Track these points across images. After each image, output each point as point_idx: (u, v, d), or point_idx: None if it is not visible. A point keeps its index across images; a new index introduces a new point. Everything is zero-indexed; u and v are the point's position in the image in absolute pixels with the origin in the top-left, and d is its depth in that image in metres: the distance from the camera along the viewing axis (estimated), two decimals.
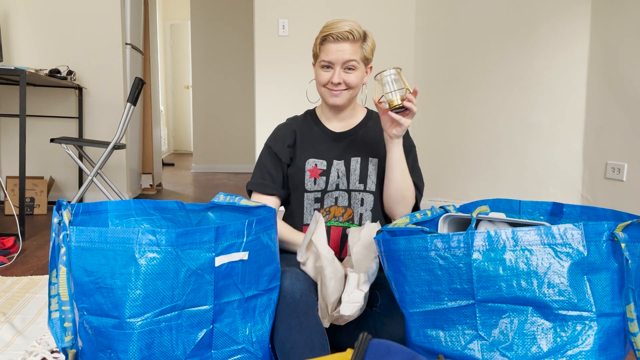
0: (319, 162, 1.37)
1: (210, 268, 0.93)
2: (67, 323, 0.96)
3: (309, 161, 1.37)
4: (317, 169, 1.37)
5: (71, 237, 0.90)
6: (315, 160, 1.37)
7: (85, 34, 3.42)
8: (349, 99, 1.35)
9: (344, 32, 1.26)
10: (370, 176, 1.36)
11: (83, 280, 0.90)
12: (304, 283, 1.12)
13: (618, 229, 0.83)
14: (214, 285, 0.94)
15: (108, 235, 0.89)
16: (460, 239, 0.86)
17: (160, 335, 0.90)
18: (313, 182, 1.36)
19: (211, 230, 0.93)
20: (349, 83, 1.31)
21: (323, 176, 1.36)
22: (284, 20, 3.31)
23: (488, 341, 0.85)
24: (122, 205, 1.22)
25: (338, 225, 1.36)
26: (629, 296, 0.84)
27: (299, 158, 1.38)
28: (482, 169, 3.14)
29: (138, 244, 0.89)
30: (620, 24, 2.49)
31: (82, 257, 0.90)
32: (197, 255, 0.92)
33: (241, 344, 0.99)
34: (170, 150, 8.40)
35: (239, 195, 1.24)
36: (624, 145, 2.49)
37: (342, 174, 1.37)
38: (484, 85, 3.07)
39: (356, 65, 1.30)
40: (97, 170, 2.82)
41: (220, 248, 0.94)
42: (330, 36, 1.28)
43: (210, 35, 5.79)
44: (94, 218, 1.18)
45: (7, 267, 2.05)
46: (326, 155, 1.38)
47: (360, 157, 1.37)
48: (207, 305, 0.94)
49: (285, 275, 1.13)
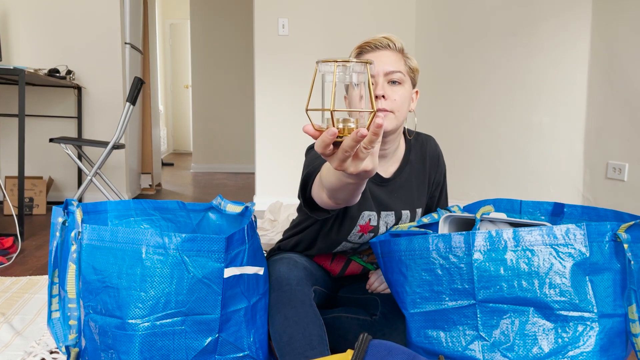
0: (373, 216, 1.14)
1: (218, 279, 0.91)
2: (72, 321, 0.96)
3: (364, 214, 1.13)
4: (369, 225, 1.15)
5: (83, 234, 0.91)
6: (370, 214, 1.14)
7: (85, 34, 3.41)
8: (398, 124, 1.09)
9: (383, 39, 1.10)
10: None
11: (91, 279, 0.90)
12: (301, 271, 1.08)
13: (621, 229, 0.83)
14: (222, 295, 0.92)
15: (119, 234, 0.89)
16: (462, 239, 0.85)
17: (163, 339, 0.89)
18: (359, 236, 1.16)
19: (221, 240, 0.90)
20: (396, 99, 1.06)
21: (372, 233, 1.16)
22: (283, 20, 3.30)
23: (489, 342, 0.85)
24: (121, 206, 1.21)
25: (360, 263, 1.27)
26: (631, 297, 0.84)
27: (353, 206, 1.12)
28: (482, 168, 3.13)
29: (146, 245, 0.88)
30: (622, 24, 2.48)
31: (92, 255, 0.90)
32: (204, 263, 0.90)
33: (246, 351, 0.97)
34: (169, 150, 8.39)
35: (229, 201, 1.23)
36: (625, 145, 2.49)
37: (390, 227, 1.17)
38: (485, 85, 3.07)
39: (402, 78, 1.08)
40: (96, 170, 2.81)
41: (229, 258, 0.92)
42: (367, 46, 1.10)
43: (209, 35, 5.78)
44: (92, 218, 1.17)
45: (6, 267, 2.05)
46: (375, 206, 1.15)
47: (409, 210, 1.17)
48: (214, 314, 0.92)
49: (282, 262, 1.09)
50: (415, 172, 1.20)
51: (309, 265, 1.18)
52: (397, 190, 1.17)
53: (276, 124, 3.40)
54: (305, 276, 1.09)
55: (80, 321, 0.95)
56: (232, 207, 1.22)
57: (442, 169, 1.29)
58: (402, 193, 1.18)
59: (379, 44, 1.10)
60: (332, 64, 0.63)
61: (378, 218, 1.15)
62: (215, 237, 0.90)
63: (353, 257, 1.28)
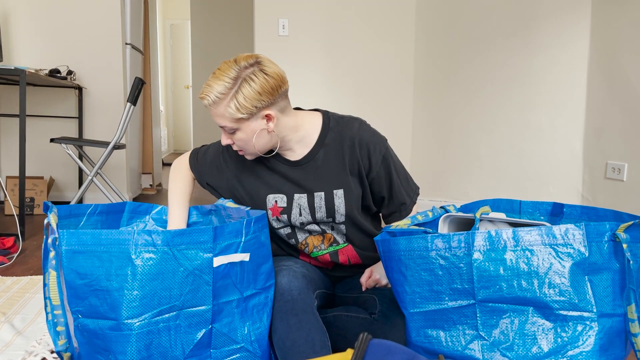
0: (279, 198, 1.22)
1: (208, 269, 0.93)
2: (59, 327, 0.96)
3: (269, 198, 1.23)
4: (277, 207, 1.23)
5: (61, 240, 0.88)
6: (275, 197, 1.23)
7: (85, 34, 3.42)
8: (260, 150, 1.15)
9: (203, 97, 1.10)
10: (339, 210, 1.22)
11: (76, 284, 0.89)
12: (302, 281, 1.10)
13: (620, 229, 0.83)
14: (213, 285, 0.94)
15: (102, 237, 0.88)
16: (461, 238, 0.86)
17: (159, 335, 0.90)
18: (276, 220, 1.24)
19: (209, 230, 0.93)
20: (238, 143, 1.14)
21: (283, 214, 1.23)
22: (284, 20, 3.31)
23: (488, 341, 0.85)
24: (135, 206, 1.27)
25: (324, 253, 1.27)
26: (630, 297, 0.84)
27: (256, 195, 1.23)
28: (482, 168, 3.14)
29: (134, 245, 0.88)
30: (621, 23, 2.49)
31: (74, 261, 0.88)
32: (195, 255, 0.92)
33: (240, 343, 0.99)
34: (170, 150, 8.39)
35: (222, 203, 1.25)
36: (624, 145, 2.49)
37: (304, 210, 1.22)
38: (484, 85, 3.07)
39: (232, 126, 1.10)
40: (97, 170, 2.81)
41: (218, 248, 0.94)
42: None
43: (210, 35, 5.79)
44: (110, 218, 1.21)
45: (7, 267, 2.05)
46: (285, 189, 1.22)
47: (323, 192, 1.21)
48: (206, 305, 0.94)
49: (282, 273, 1.11)
50: (333, 153, 1.20)
51: (307, 272, 1.20)
52: (313, 172, 1.21)
53: None
54: (307, 284, 1.11)
55: (69, 327, 0.95)
56: (230, 203, 1.24)
57: (367, 150, 1.20)
58: (318, 173, 1.21)
59: (205, 102, 1.11)
60: None
61: (289, 200, 1.21)
62: (203, 228, 0.92)
63: (313, 254, 1.27)
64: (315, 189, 1.21)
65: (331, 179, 1.21)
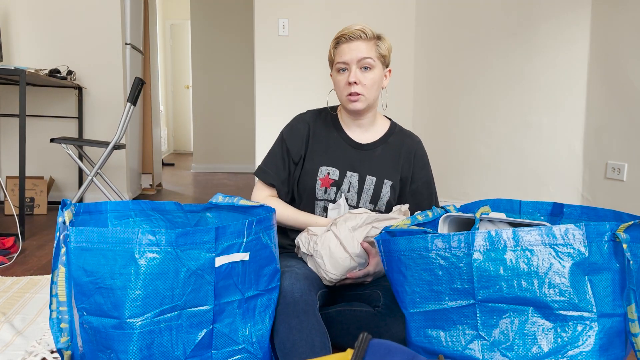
0: (332, 171, 1.33)
1: (210, 268, 0.93)
2: (63, 324, 0.96)
3: (322, 169, 1.33)
4: (329, 179, 1.33)
5: (71, 237, 0.90)
6: (328, 169, 1.34)
7: (85, 34, 3.42)
8: (369, 103, 1.30)
9: (356, 31, 1.26)
10: (383, 198, 1.34)
11: (83, 281, 0.90)
12: (304, 283, 1.12)
13: (620, 229, 0.83)
14: (214, 285, 0.94)
15: (108, 235, 0.89)
16: (461, 238, 0.86)
17: (160, 335, 0.90)
18: (323, 191, 1.33)
19: (211, 230, 0.93)
20: (366, 83, 1.26)
21: (334, 186, 1.33)
22: (284, 20, 3.31)
23: (488, 341, 0.85)
24: (120, 206, 1.22)
25: None
26: (630, 297, 0.84)
27: (310, 162, 1.35)
28: (482, 168, 3.14)
29: (138, 244, 0.88)
30: (621, 24, 2.49)
31: (82, 258, 0.89)
32: (197, 255, 0.92)
33: (241, 344, 0.99)
34: (170, 150, 8.40)
35: (237, 196, 1.24)
36: (624, 145, 2.49)
37: (353, 189, 1.33)
38: (484, 85, 3.07)
39: (372, 63, 1.26)
40: (97, 170, 2.81)
41: (220, 248, 0.94)
42: (343, 37, 1.27)
43: (210, 35, 5.79)
44: (94, 218, 1.17)
45: (7, 267, 2.05)
46: (340, 164, 1.34)
47: (375, 178, 1.34)
48: (207, 305, 0.94)
49: (285, 275, 1.13)
50: (390, 152, 1.37)
51: (310, 273, 1.21)
52: (370, 159, 1.35)
53: (276, 124, 3.40)
54: (308, 286, 1.12)
55: (74, 324, 0.95)
56: (244, 202, 1.23)
57: (420, 165, 1.40)
58: (374, 162, 1.35)
59: (352, 35, 1.26)
60: None
61: (341, 175, 1.33)
62: (205, 227, 0.92)
63: None
64: (369, 173, 1.34)
65: (384, 171, 1.35)
